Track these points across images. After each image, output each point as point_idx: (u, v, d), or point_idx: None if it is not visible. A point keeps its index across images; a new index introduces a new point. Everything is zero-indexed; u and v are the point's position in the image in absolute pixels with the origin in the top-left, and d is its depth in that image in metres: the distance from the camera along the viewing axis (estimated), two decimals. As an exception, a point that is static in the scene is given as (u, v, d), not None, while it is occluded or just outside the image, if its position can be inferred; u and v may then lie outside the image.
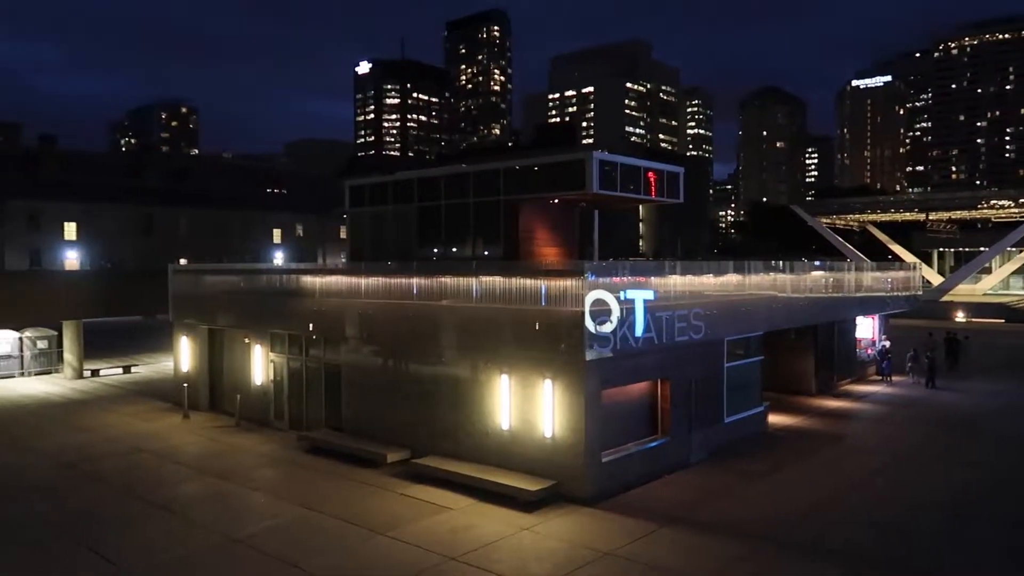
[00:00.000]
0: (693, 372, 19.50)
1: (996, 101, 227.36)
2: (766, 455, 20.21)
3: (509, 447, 17.48)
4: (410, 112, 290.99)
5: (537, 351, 16.82)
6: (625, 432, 17.92)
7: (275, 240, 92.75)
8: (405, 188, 28.84)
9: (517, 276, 17.57)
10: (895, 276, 34.11)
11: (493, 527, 14.91)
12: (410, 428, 19.75)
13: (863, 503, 16.42)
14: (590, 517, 15.47)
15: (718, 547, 13.95)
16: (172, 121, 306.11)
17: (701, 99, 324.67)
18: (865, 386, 30.92)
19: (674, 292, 18.69)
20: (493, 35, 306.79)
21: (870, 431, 23.42)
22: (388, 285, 20.43)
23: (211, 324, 26.85)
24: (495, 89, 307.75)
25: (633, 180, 25.35)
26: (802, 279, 25.30)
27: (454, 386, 18.81)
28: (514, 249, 25.11)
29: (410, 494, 16.97)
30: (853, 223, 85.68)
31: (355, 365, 21.58)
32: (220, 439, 22.64)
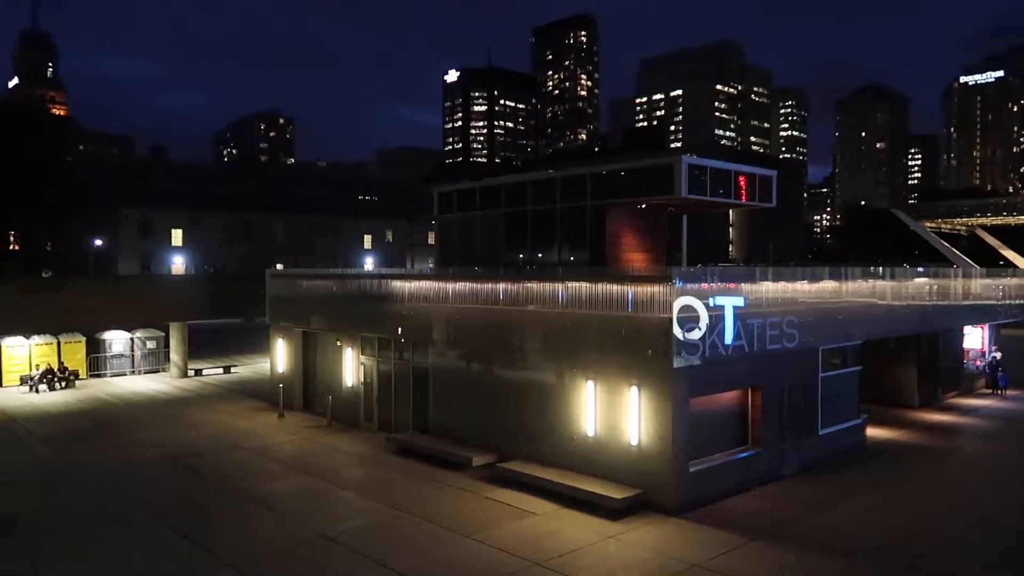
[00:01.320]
0: (786, 381, 18.87)
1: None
2: (863, 470, 19.34)
3: (594, 453, 17.35)
4: (497, 119, 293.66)
5: (623, 357, 16.64)
6: (714, 442, 17.50)
7: (365, 245, 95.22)
8: (492, 194, 29.10)
9: (603, 281, 17.44)
10: (1007, 283, 32.06)
11: (578, 534, 14.82)
12: (496, 432, 19.87)
13: (971, 524, 15.49)
14: (677, 527, 15.18)
15: (809, 564, 13.43)
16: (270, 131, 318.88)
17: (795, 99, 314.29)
18: (973, 400, 29.18)
19: (766, 299, 18.14)
20: (580, 40, 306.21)
21: (977, 448, 22.08)
22: (475, 290, 20.62)
23: (305, 327, 27.78)
24: (582, 94, 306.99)
25: (723, 184, 24.79)
26: (903, 286, 24.14)
27: (539, 391, 18.82)
28: (601, 254, 24.94)
29: (495, 498, 17.07)
30: (960, 227, 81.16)
31: (442, 368, 21.88)
32: (313, 438, 23.38)
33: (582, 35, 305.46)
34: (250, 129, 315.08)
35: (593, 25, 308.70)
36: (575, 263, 25.71)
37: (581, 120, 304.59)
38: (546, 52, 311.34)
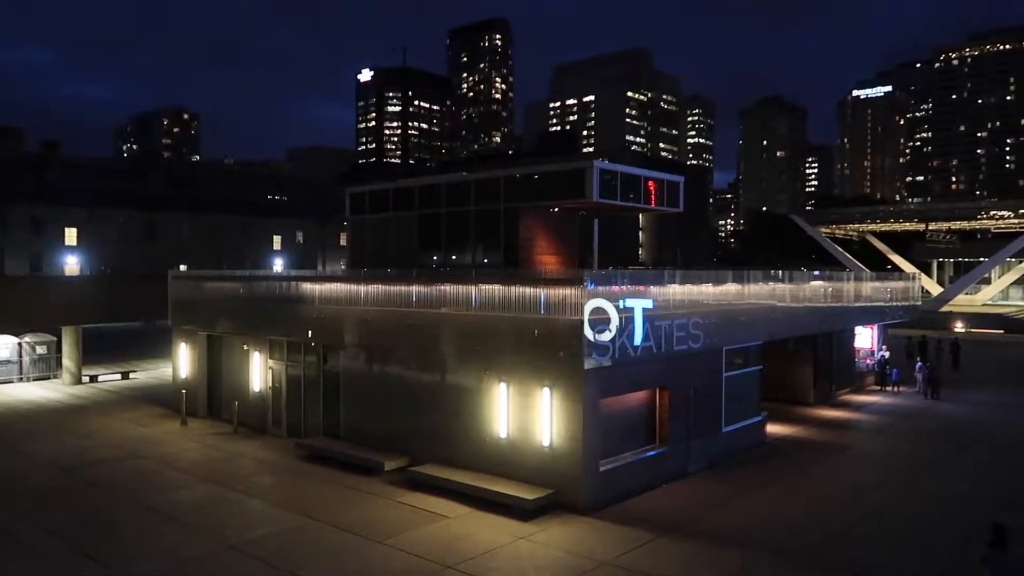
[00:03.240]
0: (692, 381, 19.50)
1: (996, 112, 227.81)
2: (764, 465, 20.18)
3: (507, 455, 17.46)
4: (412, 120, 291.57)
5: (536, 359, 16.83)
6: (623, 441, 17.90)
7: (275, 246, 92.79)
8: (406, 195, 28.91)
9: (516, 284, 17.59)
10: (894, 286, 34.12)
11: (490, 536, 14.88)
12: (408, 436, 19.74)
13: (861, 516, 16.39)
14: (588, 526, 15.44)
15: (715, 558, 13.91)
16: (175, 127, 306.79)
17: (702, 108, 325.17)
18: (864, 396, 30.89)
19: (673, 301, 18.69)
20: (495, 43, 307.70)
21: (868, 442, 23.39)
22: (388, 292, 20.44)
23: (210, 330, 26.85)
24: (497, 97, 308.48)
25: (633, 189, 25.42)
26: (801, 288, 25.32)
27: (453, 394, 18.81)
28: (514, 257, 25.15)
29: (408, 502, 16.94)
30: (853, 233, 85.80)
31: (354, 372, 21.57)
32: (218, 445, 22.62)
33: (497, 38, 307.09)
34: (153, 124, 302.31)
35: (508, 29, 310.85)
36: (489, 265, 25.82)
37: (496, 123, 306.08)
38: (461, 54, 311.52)
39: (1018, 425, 25.47)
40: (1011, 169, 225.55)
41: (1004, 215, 71.08)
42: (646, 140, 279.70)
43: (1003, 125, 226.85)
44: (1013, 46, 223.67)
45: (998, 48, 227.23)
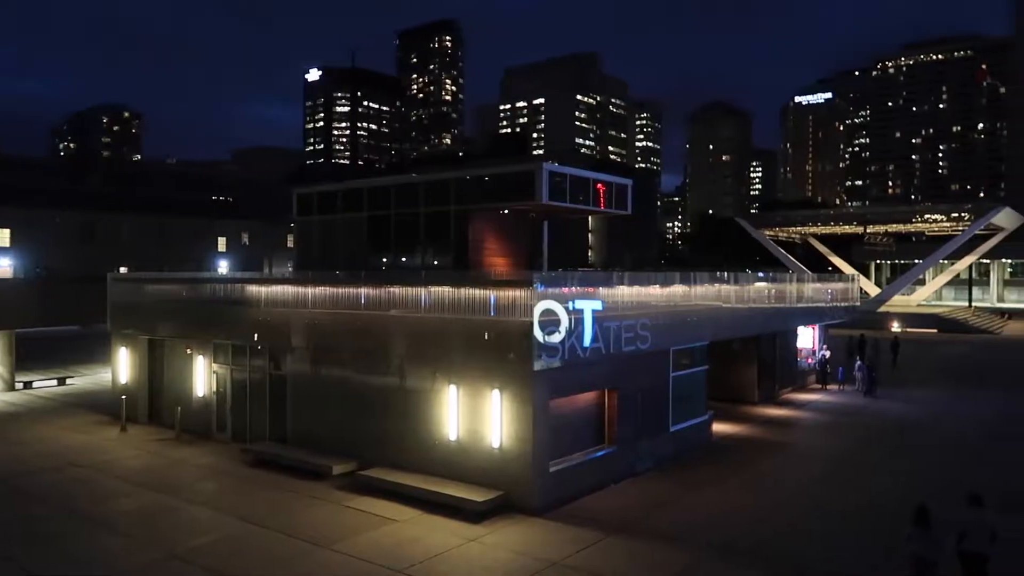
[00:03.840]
0: (640, 382, 19.73)
1: (930, 119, 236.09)
2: (711, 464, 20.53)
3: (457, 458, 17.42)
4: (360, 120, 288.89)
5: (486, 361, 16.82)
6: (573, 442, 18.01)
7: (220, 248, 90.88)
8: (354, 197, 28.63)
9: (466, 286, 17.56)
10: (834, 287, 35.10)
11: (440, 538, 14.81)
12: (357, 439, 19.52)
13: (803, 512, 16.81)
14: (538, 527, 15.49)
15: (664, 556, 14.10)
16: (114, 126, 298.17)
17: (650, 112, 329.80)
18: (806, 395, 31.69)
19: (622, 303, 18.88)
20: (445, 45, 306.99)
21: (810, 440, 23.99)
22: (336, 295, 20.19)
23: (151, 334, 26.14)
24: (447, 99, 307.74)
25: (582, 191, 25.65)
26: (746, 290, 25.85)
27: (402, 396, 18.68)
28: (464, 259, 25.13)
29: (356, 506, 16.76)
30: (795, 235, 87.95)
31: (301, 376, 21.26)
32: (160, 452, 22.03)
33: (447, 40, 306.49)
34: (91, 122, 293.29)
35: (458, 31, 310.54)
36: (439, 267, 25.75)
37: (446, 125, 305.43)
38: (411, 55, 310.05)
39: (952, 421, 26.43)
40: (944, 175, 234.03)
41: (937, 219, 73.74)
42: (595, 143, 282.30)
43: (936, 132, 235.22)
44: (946, 56, 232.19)
45: (932, 58, 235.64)
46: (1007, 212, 69.08)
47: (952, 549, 11.83)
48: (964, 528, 11.84)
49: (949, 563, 11.83)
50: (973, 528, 11.77)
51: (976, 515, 11.90)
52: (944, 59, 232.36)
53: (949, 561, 11.80)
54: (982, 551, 11.65)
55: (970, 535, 11.73)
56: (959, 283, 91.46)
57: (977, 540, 11.67)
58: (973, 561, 11.68)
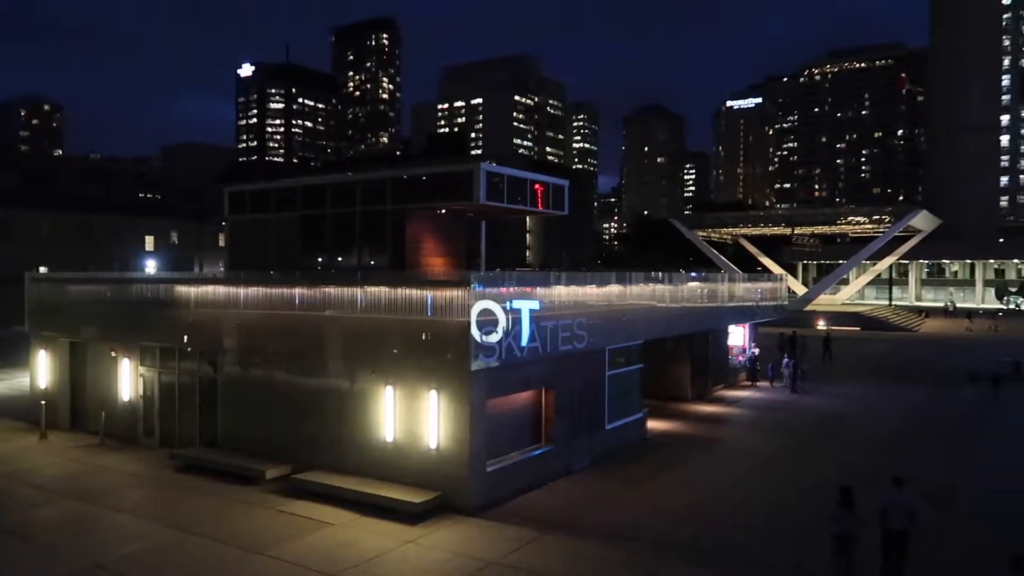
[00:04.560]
0: (576, 381, 19.93)
1: (854, 125, 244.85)
2: (646, 461, 20.89)
3: (394, 459, 17.28)
4: (295, 118, 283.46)
5: (423, 362, 16.74)
6: (510, 441, 18.08)
7: (148, 247, 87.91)
8: (289, 195, 28.09)
9: (403, 286, 17.44)
10: (764, 287, 36.13)
11: (376, 541, 14.67)
12: (291, 442, 19.17)
13: (735, 505, 17.26)
14: (475, 527, 15.50)
15: (599, 552, 14.28)
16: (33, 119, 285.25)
17: (587, 114, 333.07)
18: (737, 391, 32.53)
19: (559, 302, 19.04)
20: (382, 43, 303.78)
21: (741, 435, 24.65)
22: (269, 295, 19.79)
23: (73, 337, 25.12)
24: (384, 97, 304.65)
25: (520, 192, 25.72)
26: (679, 290, 26.37)
27: (338, 398, 18.43)
28: (401, 259, 24.92)
29: (290, 511, 16.45)
30: (727, 236, 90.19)
31: (233, 378, 20.75)
32: (83, 459, 21.18)
33: (384, 38, 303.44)
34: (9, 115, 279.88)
35: (395, 29, 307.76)
36: (375, 267, 25.48)
37: (383, 123, 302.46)
38: (347, 53, 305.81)
39: (875, 416, 27.52)
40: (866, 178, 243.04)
41: (860, 221, 76.68)
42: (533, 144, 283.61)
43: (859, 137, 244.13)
44: (868, 64, 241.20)
45: (855, 66, 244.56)
46: (924, 215, 72.29)
47: (873, 526, 12.69)
48: (886, 508, 12.78)
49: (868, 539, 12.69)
50: (894, 508, 12.69)
51: (897, 496, 12.82)
52: (866, 67, 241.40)
53: (867, 537, 12.69)
54: (903, 528, 12.59)
55: (891, 514, 12.67)
56: (880, 283, 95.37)
57: (898, 518, 12.61)
58: (895, 537, 12.62)
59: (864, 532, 12.64)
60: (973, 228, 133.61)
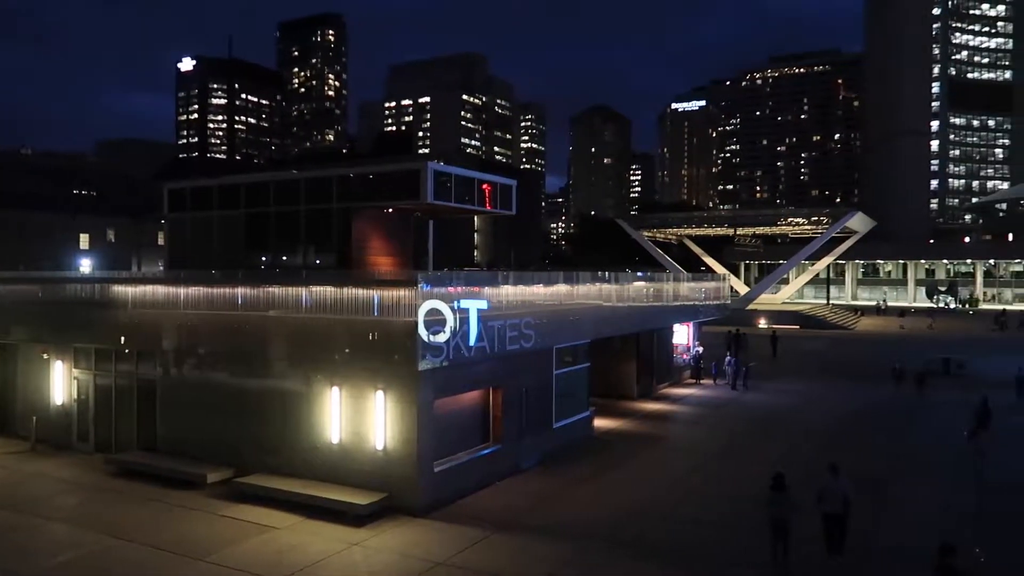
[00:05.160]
0: (524, 380, 19.99)
1: (793, 128, 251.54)
2: (593, 458, 21.07)
3: (340, 461, 17.06)
4: (238, 114, 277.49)
5: (370, 362, 16.58)
6: (458, 441, 18.04)
7: (83, 246, 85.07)
8: (231, 193, 27.50)
9: (349, 286, 17.24)
10: (707, 286, 36.80)
11: (322, 544, 14.47)
12: (234, 445, 18.76)
13: (680, 501, 17.55)
14: (423, 528, 15.41)
15: (547, 550, 14.35)
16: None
17: (535, 114, 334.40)
18: (681, 389, 33.07)
19: (507, 302, 19.06)
20: (328, 39, 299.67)
21: (686, 432, 25.07)
22: (211, 295, 19.32)
23: (2, 338, 24.12)
24: (330, 94, 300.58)
25: (468, 191, 25.69)
26: (626, 289, 26.67)
27: (282, 400, 18.11)
28: (347, 258, 24.63)
29: (233, 515, 16.10)
30: (672, 236, 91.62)
31: (173, 380, 20.21)
32: (12, 466, 20.35)
33: (330, 34, 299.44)
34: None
35: (341, 25, 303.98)
36: (321, 267, 25.14)
37: (329, 121, 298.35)
38: (292, 48, 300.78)
39: (813, 412, 28.30)
40: (805, 180, 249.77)
41: (799, 222, 78.75)
42: (481, 143, 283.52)
43: (798, 141, 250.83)
44: (806, 70, 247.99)
45: (794, 71, 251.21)
46: (860, 216, 74.63)
47: (808, 511, 13.86)
48: (822, 493, 13.96)
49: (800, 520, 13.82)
50: (830, 492, 13.88)
51: (833, 482, 14.00)
52: (805, 72, 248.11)
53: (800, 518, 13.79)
54: (837, 511, 13.80)
55: (827, 498, 13.87)
56: (819, 282, 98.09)
57: (833, 502, 13.81)
58: (831, 519, 13.86)
59: (796, 514, 13.63)
60: (906, 230, 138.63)
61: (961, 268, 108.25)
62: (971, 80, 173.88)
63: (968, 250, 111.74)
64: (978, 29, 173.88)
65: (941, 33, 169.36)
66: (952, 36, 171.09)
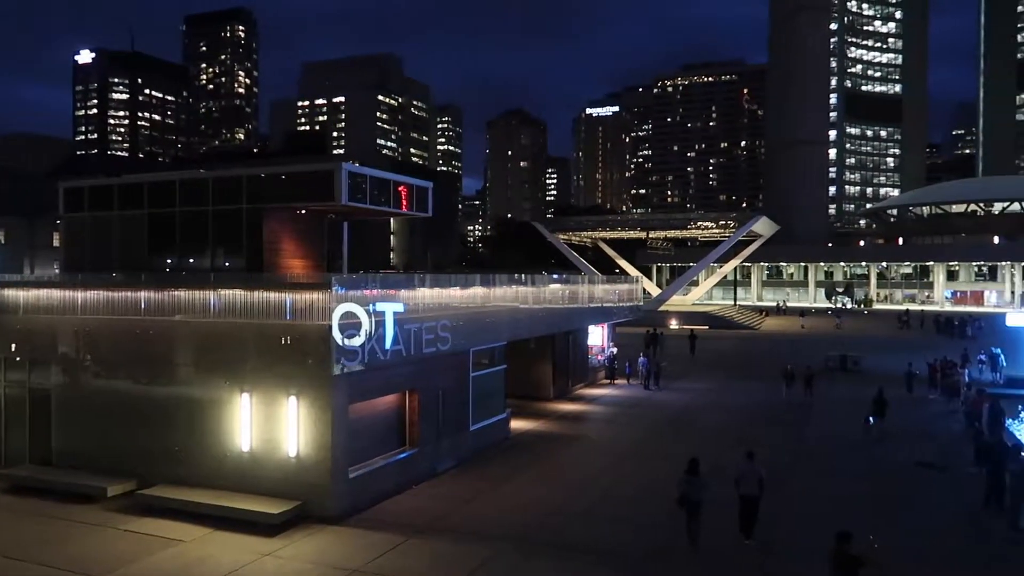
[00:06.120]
0: (441, 383, 19.93)
1: (703, 135, 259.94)
2: (510, 460, 21.20)
3: (251, 469, 16.59)
4: (141, 109, 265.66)
5: (282, 367, 16.20)
6: (373, 446, 17.83)
7: (-32, 247, 79.76)
8: (134, 192, 26.40)
9: (260, 289, 16.86)
10: (621, 288, 37.61)
11: (232, 556, 14.03)
12: (137, 457, 17.97)
13: (595, 499, 17.86)
14: (338, 535, 15.16)
15: (465, 553, 14.35)
16: None
17: (452, 116, 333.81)
18: (596, 389, 33.66)
19: (423, 304, 19.00)
20: (238, 35, 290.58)
21: (601, 432, 25.53)
22: (111, 299, 18.51)
23: None
24: (240, 92, 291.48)
25: (383, 193, 25.46)
26: (542, 292, 26.99)
27: (189, 407, 17.46)
28: (258, 261, 24.02)
29: (136, 529, 15.43)
30: (587, 239, 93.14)
31: (69, 389, 19.18)
32: None
33: (239, 29, 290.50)
34: None
35: (252, 21, 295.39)
36: (231, 269, 24.43)
37: (239, 119, 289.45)
38: (199, 43, 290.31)
39: (722, 410, 29.28)
40: (714, 186, 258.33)
41: (708, 225, 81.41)
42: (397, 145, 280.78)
43: (707, 147, 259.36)
44: (715, 79, 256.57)
45: (704, 79, 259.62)
46: (764, 221, 77.75)
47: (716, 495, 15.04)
48: (739, 476, 15.15)
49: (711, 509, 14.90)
50: (745, 476, 15.09)
51: (749, 466, 15.25)
52: (713, 81, 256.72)
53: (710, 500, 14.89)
54: (754, 493, 14.95)
55: (744, 481, 15.06)
56: (727, 284, 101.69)
57: (749, 485, 15.00)
58: (747, 500, 14.97)
59: (707, 494, 14.75)
60: (806, 234, 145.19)
61: (857, 270, 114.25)
62: (865, 92, 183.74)
63: (863, 253, 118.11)
64: (871, 44, 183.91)
65: (838, 47, 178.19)
66: (848, 51, 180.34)
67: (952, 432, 24.81)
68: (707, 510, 14.73)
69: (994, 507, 16.70)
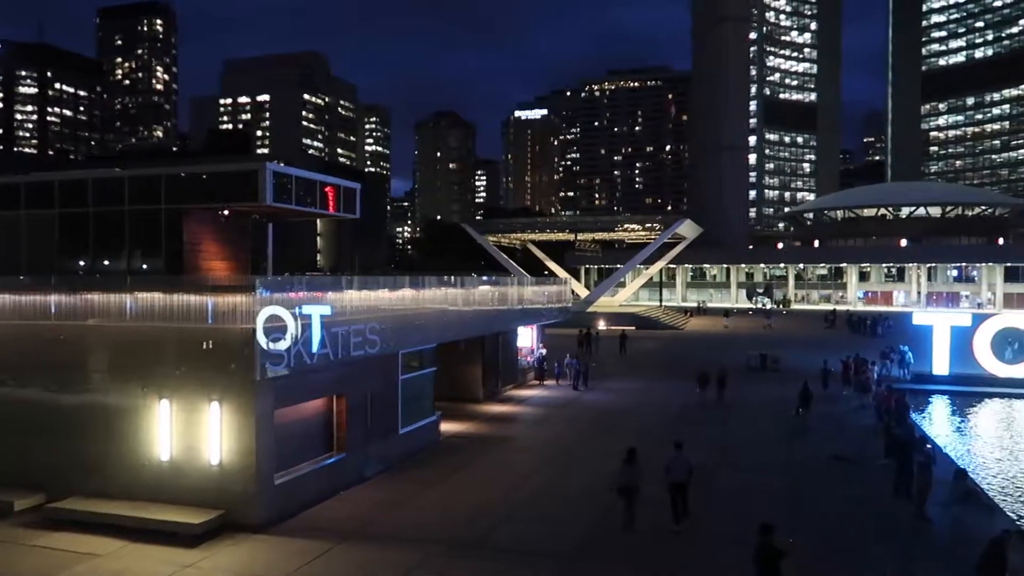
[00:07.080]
0: (369, 386, 19.70)
1: (629, 139, 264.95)
2: (440, 463, 21.11)
3: (170, 479, 16.03)
4: (51, 104, 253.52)
5: (203, 372, 15.72)
6: (300, 451, 17.49)
7: None
8: (43, 191, 25.23)
9: (180, 292, 16.33)
10: (550, 290, 37.93)
11: (150, 568, 13.53)
12: (46, 469, 17.11)
13: (524, 499, 17.96)
14: (262, 544, 14.80)
15: (393, 558, 14.21)
16: None
17: (379, 117, 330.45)
18: (526, 390, 33.86)
19: (351, 307, 18.72)
20: (156, 29, 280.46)
21: (530, 433, 25.69)
22: (17, 303, 17.62)
23: None
24: (158, 88, 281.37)
25: (310, 193, 25.07)
26: (471, 293, 26.97)
27: (103, 416, 16.74)
28: (178, 263, 23.30)
29: (46, 544, 14.70)
30: (516, 241, 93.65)
31: (-28, 399, 18.13)
32: None
33: (157, 23, 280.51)
34: None
35: (171, 16, 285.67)
36: (148, 272, 23.61)
37: (157, 116, 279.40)
38: (114, 37, 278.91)
39: (648, 409, 29.85)
40: (640, 189, 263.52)
41: (635, 228, 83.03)
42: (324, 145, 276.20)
43: (634, 151, 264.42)
44: (640, 84, 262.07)
45: (630, 85, 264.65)
46: (688, 224, 79.71)
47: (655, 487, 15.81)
48: (669, 465, 15.85)
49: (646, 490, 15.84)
50: (675, 465, 15.86)
51: (678, 455, 16.06)
52: (639, 87, 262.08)
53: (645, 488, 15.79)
54: (683, 480, 15.79)
55: (674, 469, 15.80)
56: (653, 285, 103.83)
57: (679, 473, 15.80)
58: (676, 488, 15.77)
59: (642, 482, 15.66)
60: (728, 236, 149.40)
61: (776, 272, 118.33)
62: (783, 100, 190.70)
63: (781, 255, 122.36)
64: (788, 54, 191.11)
65: (758, 56, 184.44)
66: (767, 59, 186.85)
67: (864, 427, 25.98)
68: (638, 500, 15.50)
69: (903, 496, 17.58)
